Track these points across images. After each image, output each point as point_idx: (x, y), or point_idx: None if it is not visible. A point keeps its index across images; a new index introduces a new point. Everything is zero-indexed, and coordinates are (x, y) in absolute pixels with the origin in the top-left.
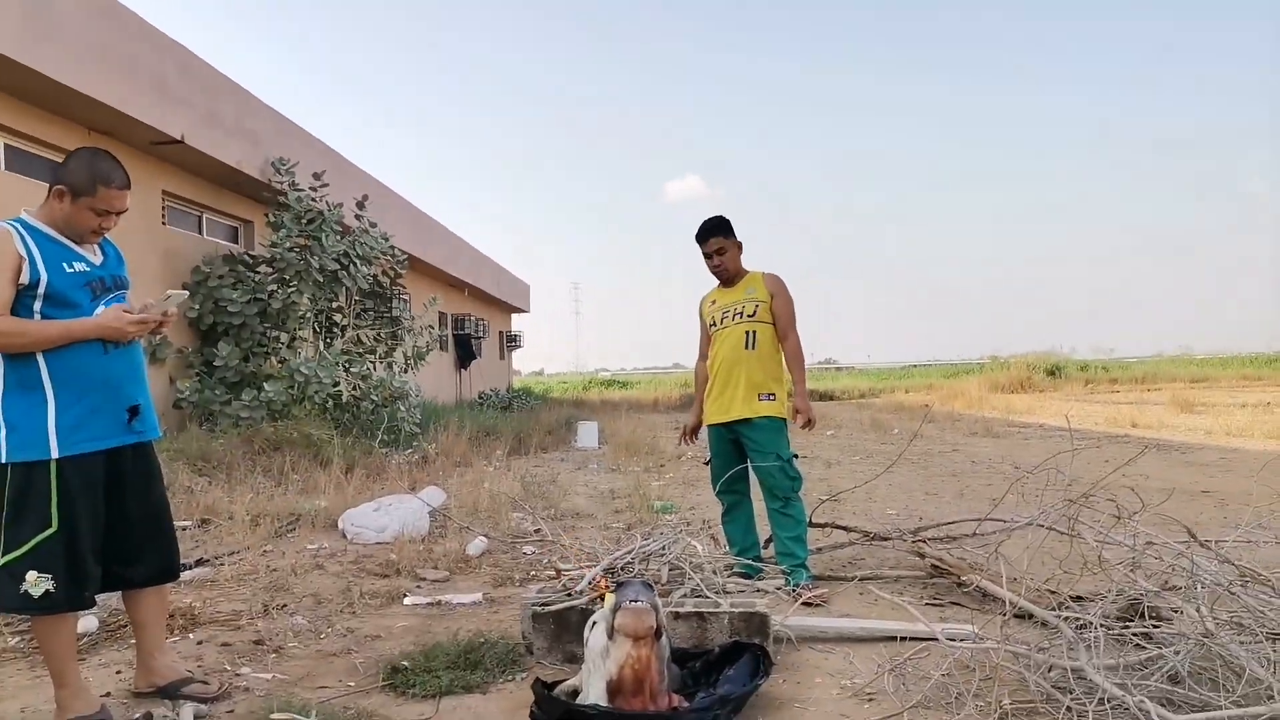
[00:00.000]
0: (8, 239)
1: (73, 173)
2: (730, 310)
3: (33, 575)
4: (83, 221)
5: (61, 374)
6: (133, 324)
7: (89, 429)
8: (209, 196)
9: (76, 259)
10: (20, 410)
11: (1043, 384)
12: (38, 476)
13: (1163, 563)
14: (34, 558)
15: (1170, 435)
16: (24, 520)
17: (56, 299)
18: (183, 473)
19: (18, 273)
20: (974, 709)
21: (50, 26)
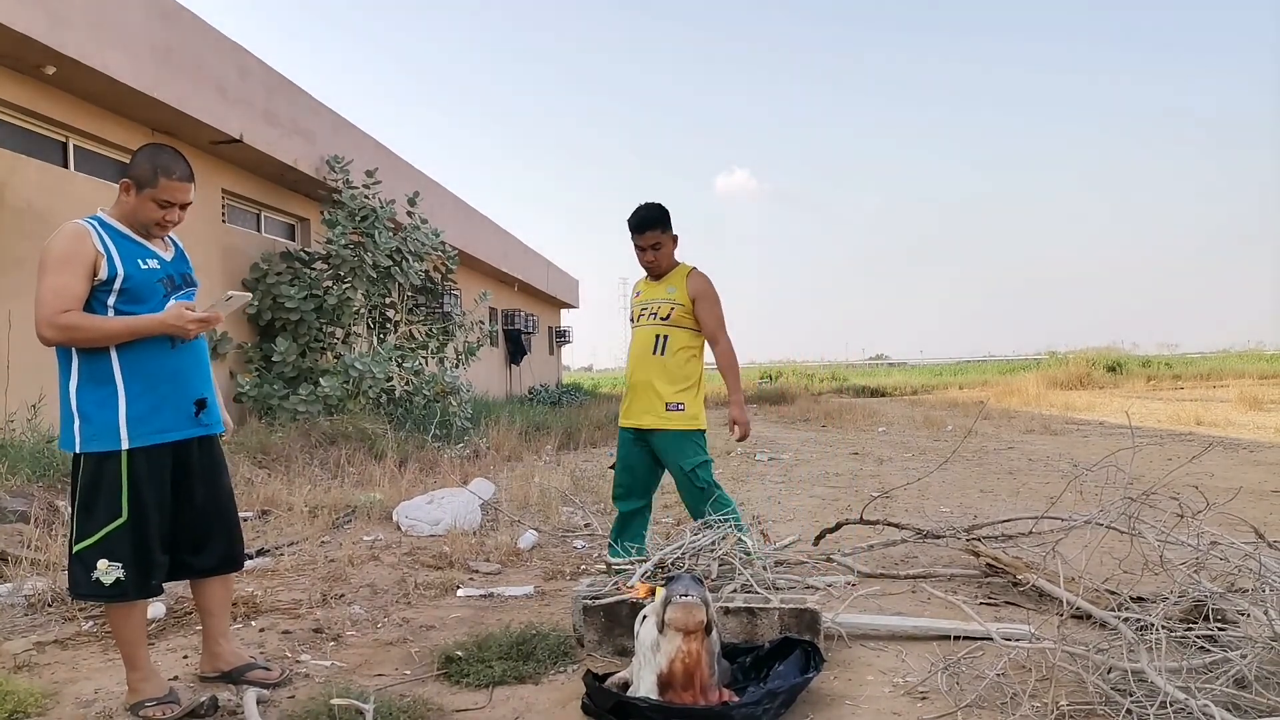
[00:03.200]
0: (86, 236)
1: (137, 166)
2: (648, 308)
3: (104, 564)
4: (147, 213)
5: (132, 368)
6: (194, 322)
7: (157, 421)
8: (267, 194)
9: (149, 255)
10: (93, 402)
11: (1103, 380)
12: (109, 467)
13: (1228, 564)
14: (105, 546)
15: (1237, 433)
16: (95, 510)
17: (132, 294)
18: (243, 465)
19: (93, 269)
20: (1030, 710)
21: (115, 30)
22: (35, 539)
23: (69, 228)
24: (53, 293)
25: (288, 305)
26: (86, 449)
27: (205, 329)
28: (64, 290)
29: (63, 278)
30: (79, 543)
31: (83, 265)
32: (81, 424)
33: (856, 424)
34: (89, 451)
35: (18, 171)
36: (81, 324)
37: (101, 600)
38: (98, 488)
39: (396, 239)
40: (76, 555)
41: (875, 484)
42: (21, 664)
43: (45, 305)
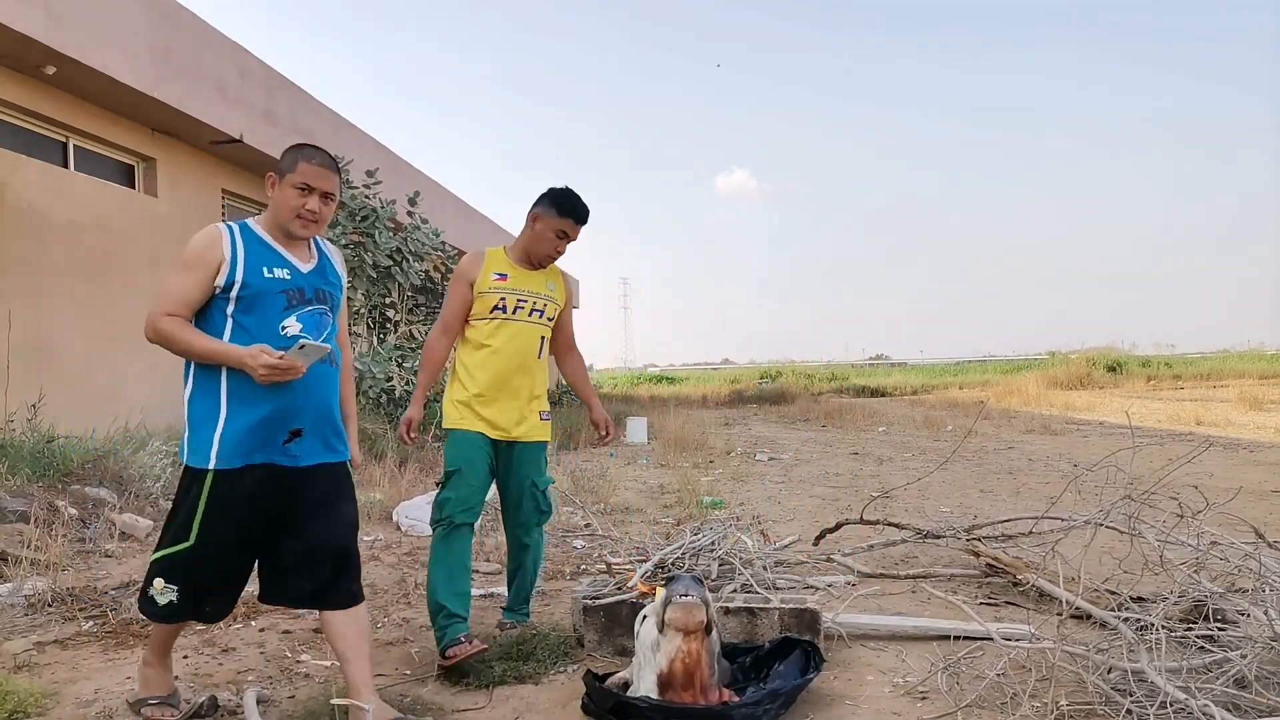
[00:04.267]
0: (217, 240)
1: (280, 159)
2: (530, 302)
3: (159, 583)
4: (287, 202)
5: (237, 387)
6: (265, 368)
7: (248, 444)
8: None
9: (280, 265)
10: (200, 414)
11: (1103, 380)
12: (195, 486)
13: (1228, 564)
14: (165, 565)
15: (1237, 433)
16: (172, 525)
17: (247, 303)
18: None
19: (214, 273)
20: (1030, 710)
21: (115, 30)
22: (35, 539)
23: (206, 229)
24: (165, 293)
25: None
26: (187, 462)
27: (278, 377)
28: (175, 293)
29: (180, 280)
30: (155, 552)
31: (204, 270)
32: (190, 434)
33: (856, 424)
34: (188, 465)
35: (18, 171)
36: (173, 334)
37: (150, 618)
38: (181, 504)
39: (397, 239)
40: (151, 564)
41: (875, 484)
42: (21, 664)
43: (154, 304)
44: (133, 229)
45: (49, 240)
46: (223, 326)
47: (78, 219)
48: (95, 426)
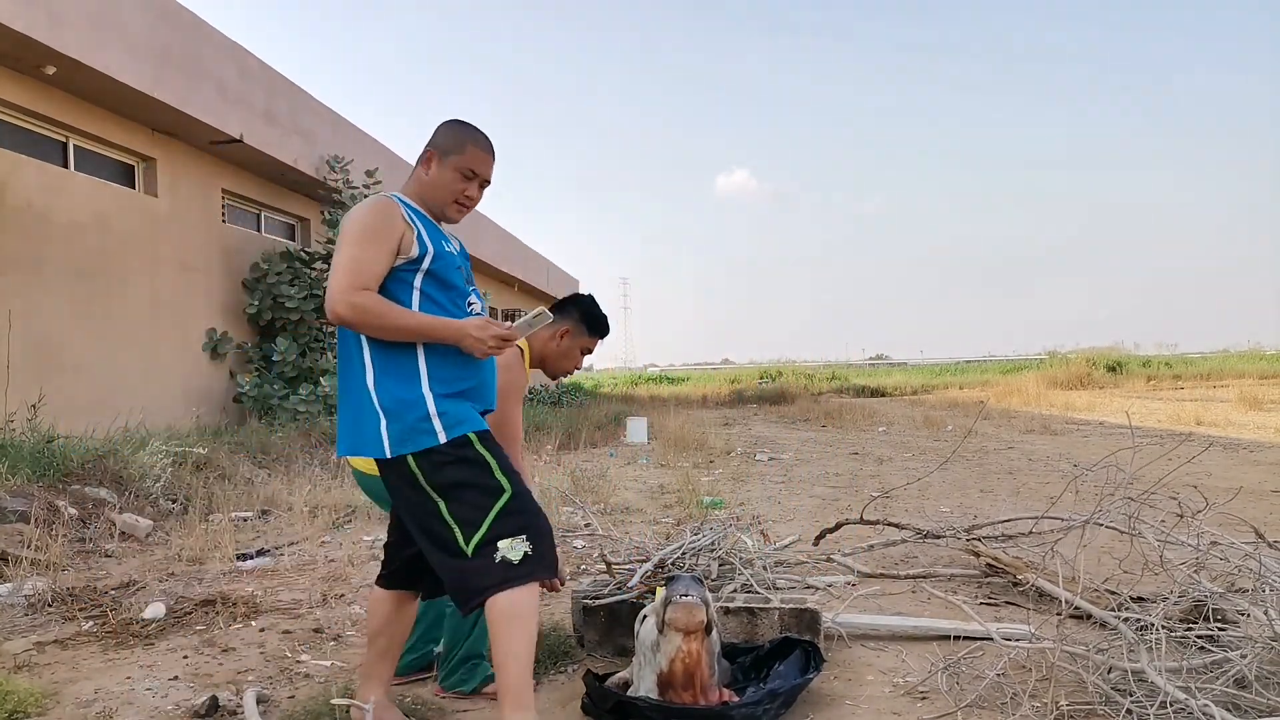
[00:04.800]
0: (396, 209)
1: (440, 136)
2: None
3: (505, 543)
4: (447, 185)
5: (436, 369)
6: (494, 339)
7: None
8: (267, 194)
9: (448, 240)
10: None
11: (1103, 380)
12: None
13: (1228, 564)
14: (499, 524)
15: (1237, 433)
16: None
17: (438, 278)
18: (243, 465)
19: (398, 245)
20: (1030, 710)
21: (115, 30)
22: (35, 539)
23: (376, 200)
24: (352, 265)
25: (288, 305)
26: (404, 449)
27: (504, 349)
28: (364, 265)
29: (366, 251)
30: (467, 543)
31: (389, 240)
32: (389, 423)
33: (856, 424)
34: (412, 452)
35: (18, 171)
36: (375, 308)
37: (516, 583)
38: (469, 473)
39: None
40: (481, 540)
41: (875, 484)
42: (21, 664)
43: (341, 278)
44: (133, 229)
45: (49, 240)
46: (408, 301)
47: (78, 219)
48: (95, 426)
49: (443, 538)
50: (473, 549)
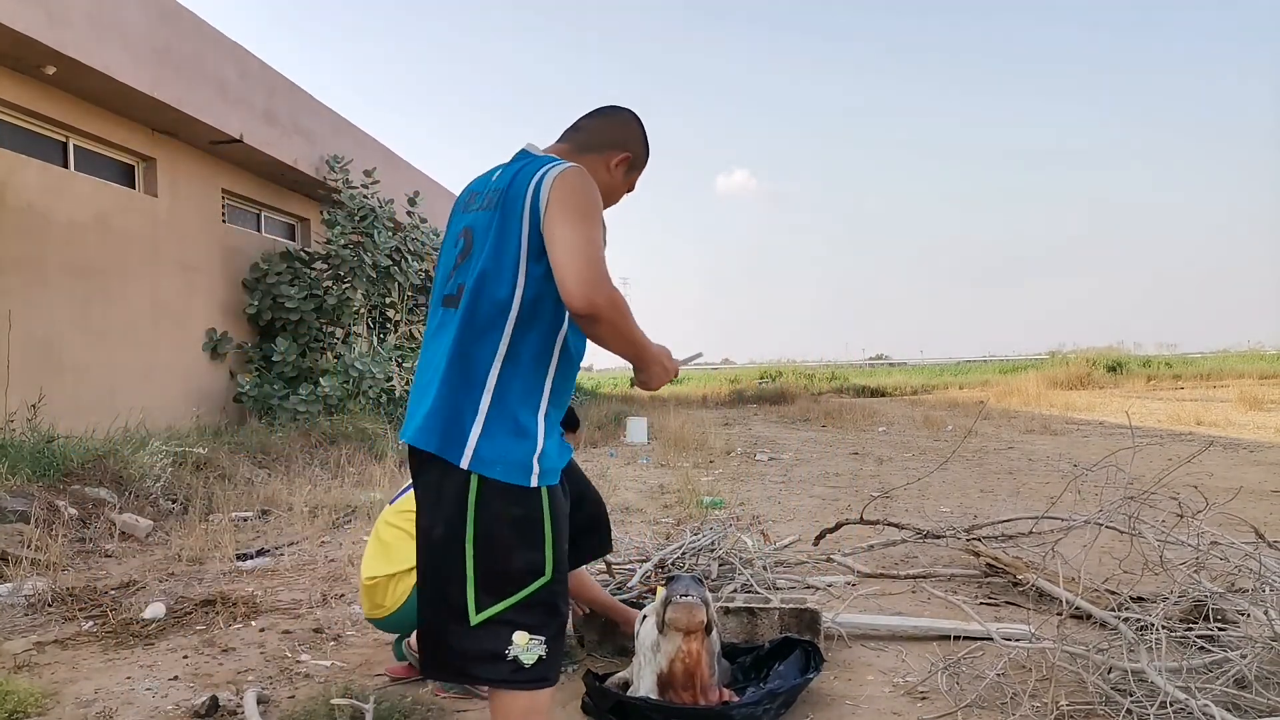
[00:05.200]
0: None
1: (636, 141)
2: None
3: (522, 637)
4: (616, 194)
5: (557, 390)
6: (666, 374)
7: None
8: (267, 194)
9: None
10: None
11: (1103, 380)
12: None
13: (1228, 564)
14: (522, 610)
15: (1238, 433)
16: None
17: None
18: (243, 465)
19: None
20: (1030, 710)
21: (115, 30)
22: (35, 539)
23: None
24: (599, 250)
25: (288, 305)
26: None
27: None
28: (602, 251)
29: (599, 234)
30: (477, 611)
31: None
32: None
33: (856, 424)
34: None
35: (18, 171)
36: (624, 306)
37: (519, 686)
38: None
39: (396, 238)
40: (492, 620)
41: (875, 484)
42: (21, 664)
43: (599, 264)
44: (133, 229)
45: (49, 240)
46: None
47: (78, 219)
48: (95, 426)
49: (448, 588)
50: (479, 621)
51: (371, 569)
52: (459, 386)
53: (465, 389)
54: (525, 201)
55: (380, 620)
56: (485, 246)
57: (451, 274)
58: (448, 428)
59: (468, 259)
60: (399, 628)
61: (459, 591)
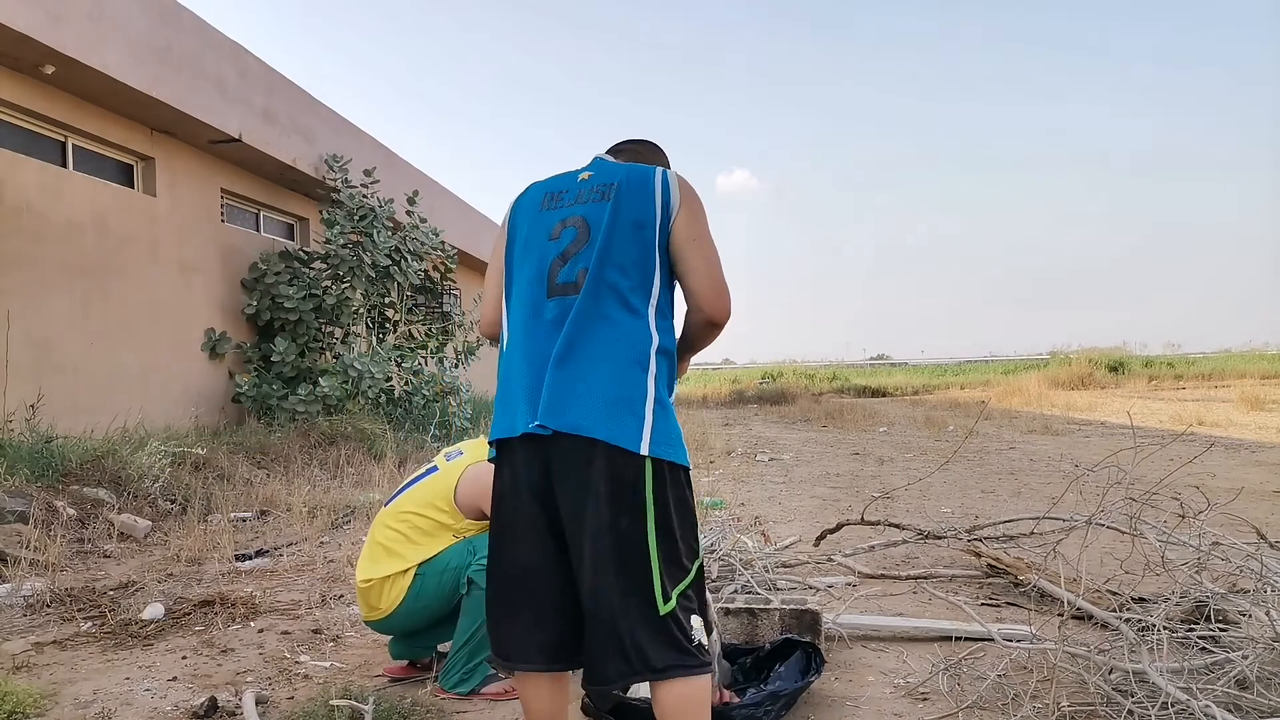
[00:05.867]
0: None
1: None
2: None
3: (698, 622)
4: None
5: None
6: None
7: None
8: (266, 194)
9: None
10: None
11: (1104, 380)
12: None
13: (1230, 564)
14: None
15: (1239, 433)
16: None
17: None
18: (242, 465)
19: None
20: (1031, 710)
21: (114, 29)
22: (34, 539)
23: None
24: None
25: (286, 305)
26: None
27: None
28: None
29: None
30: (665, 598)
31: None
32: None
33: (857, 424)
34: (679, 464)
35: (16, 171)
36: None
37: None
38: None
39: (395, 238)
40: (659, 618)
41: (876, 484)
42: (20, 665)
43: (720, 274)
44: (132, 228)
45: (48, 240)
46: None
47: (77, 218)
48: (93, 426)
49: (632, 582)
50: (668, 606)
51: (367, 571)
52: (617, 372)
53: (626, 374)
54: (655, 198)
55: (377, 622)
56: (613, 236)
57: (559, 263)
58: (617, 414)
59: (586, 247)
60: (396, 630)
61: (645, 584)
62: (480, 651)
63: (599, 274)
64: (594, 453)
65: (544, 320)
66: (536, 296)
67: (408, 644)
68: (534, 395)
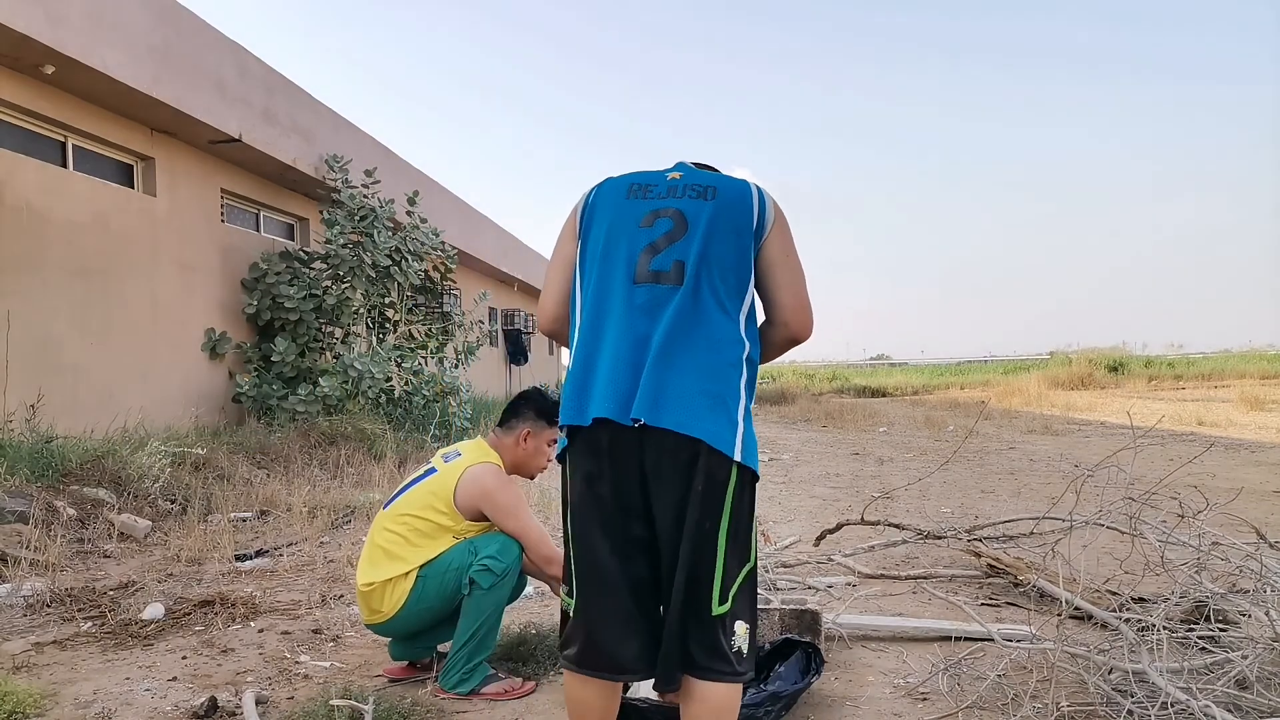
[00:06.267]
0: None
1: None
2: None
3: (742, 628)
4: None
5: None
6: None
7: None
8: (266, 194)
9: None
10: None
11: (1104, 380)
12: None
13: (1229, 564)
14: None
15: (1239, 433)
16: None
17: None
18: (242, 465)
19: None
20: (1031, 710)
21: (114, 29)
22: (34, 539)
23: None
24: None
25: (287, 305)
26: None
27: None
28: None
29: None
30: (720, 600)
31: None
32: (746, 431)
33: (857, 424)
34: (752, 469)
35: (16, 171)
36: None
37: (735, 678)
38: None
39: (396, 238)
40: (728, 614)
41: (876, 484)
42: (20, 665)
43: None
44: (131, 228)
45: (48, 240)
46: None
47: (76, 218)
48: (93, 426)
49: (699, 582)
50: (723, 608)
51: (367, 575)
52: (717, 373)
53: (724, 376)
54: (753, 209)
55: (378, 625)
56: (714, 236)
57: (649, 252)
58: (715, 416)
59: (683, 240)
60: (398, 632)
61: (707, 585)
62: (480, 651)
63: (699, 270)
64: (696, 452)
65: (634, 306)
66: (624, 281)
67: (408, 645)
68: (621, 384)
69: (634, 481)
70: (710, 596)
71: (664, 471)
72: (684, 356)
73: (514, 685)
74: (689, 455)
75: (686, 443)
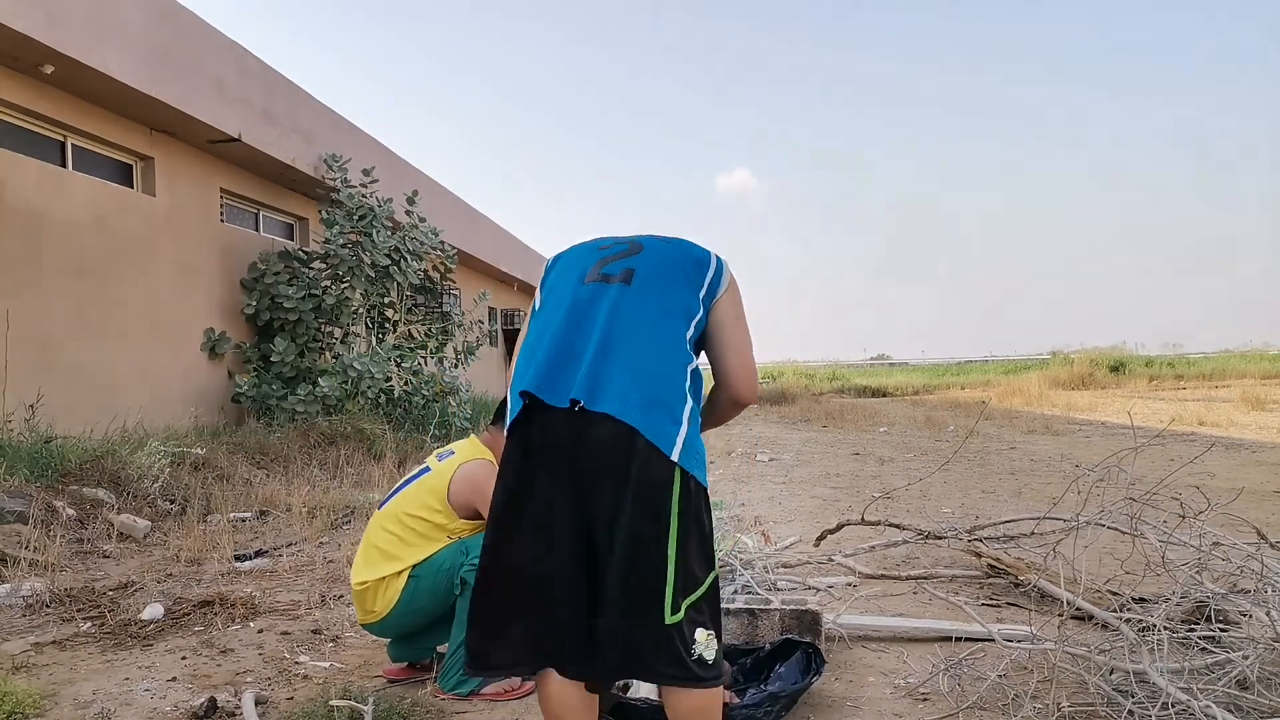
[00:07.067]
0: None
1: None
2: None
3: (703, 635)
4: None
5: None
6: None
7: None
8: (265, 194)
9: None
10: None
11: (1105, 380)
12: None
13: (1230, 564)
14: (709, 606)
15: (1239, 433)
16: (705, 555)
17: None
18: (242, 466)
19: None
20: (1031, 711)
21: (113, 29)
22: (33, 539)
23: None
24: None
25: (286, 305)
26: (701, 480)
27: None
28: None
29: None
30: (675, 609)
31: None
32: (699, 448)
33: (858, 424)
34: (701, 485)
35: (16, 171)
36: None
37: (706, 683)
38: (710, 531)
39: (395, 238)
40: (682, 623)
41: (876, 484)
42: (19, 665)
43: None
44: (131, 228)
45: (47, 240)
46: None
47: (76, 218)
48: (93, 427)
49: (645, 586)
50: (676, 617)
51: (361, 574)
52: (662, 373)
53: (670, 376)
54: (709, 268)
55: (373, 625)
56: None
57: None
58: (654, 409)
59: (637, 256)
60: (392, 632)
61: (656, 591)
62: None
63: (649, 276)
64: (633, 443)
65: (580, 300)
66: (574, 286)
67: (407, 646)
68: (561, 367)
69: (566, 466)
70: (663, 604)
71: (603, 460)
72: (628, 351)
73: (513, 685)
74: (628, 445)
75: (625, 431)
